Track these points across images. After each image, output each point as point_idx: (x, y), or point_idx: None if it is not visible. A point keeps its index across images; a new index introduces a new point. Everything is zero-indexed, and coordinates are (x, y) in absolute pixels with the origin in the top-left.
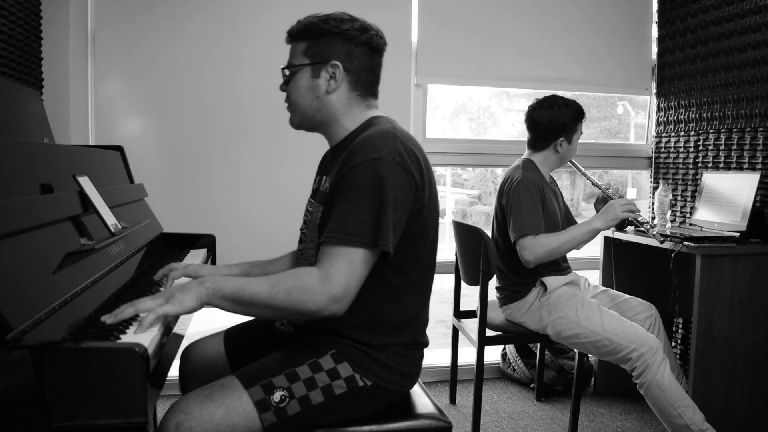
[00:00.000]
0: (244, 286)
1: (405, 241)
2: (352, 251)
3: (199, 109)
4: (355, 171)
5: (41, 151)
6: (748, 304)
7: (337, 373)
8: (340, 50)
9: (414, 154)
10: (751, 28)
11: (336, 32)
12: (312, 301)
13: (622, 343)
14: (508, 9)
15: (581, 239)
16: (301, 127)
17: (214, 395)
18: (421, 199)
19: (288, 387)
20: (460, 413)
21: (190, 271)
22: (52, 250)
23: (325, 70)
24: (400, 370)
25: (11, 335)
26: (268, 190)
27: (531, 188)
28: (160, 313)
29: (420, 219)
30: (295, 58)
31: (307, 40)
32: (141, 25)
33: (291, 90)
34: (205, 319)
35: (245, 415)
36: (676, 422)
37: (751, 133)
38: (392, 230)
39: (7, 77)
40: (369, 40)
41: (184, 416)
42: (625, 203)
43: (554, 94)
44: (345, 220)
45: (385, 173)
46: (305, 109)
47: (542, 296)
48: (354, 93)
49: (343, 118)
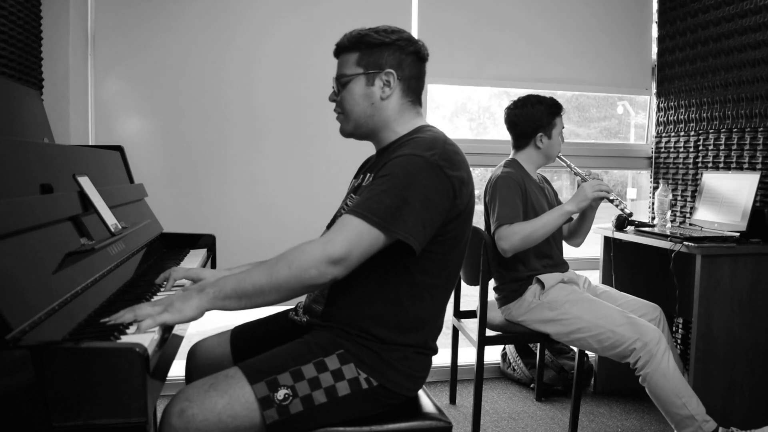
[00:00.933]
0: (244, 278)
1: (436, 242)
2: (364, 226)
3: (200, 109)
4: (396, 160)
5: (41, 151)
6: (748, 304)
7: (342, 374)
8: (392, 59)
9: (458, 163)
10: (751, 28)
11: (388, 42)
12: (314, 266)
13: (624, 334)
14: (508, 9)
15: (554, 223)
16: (354, 134)
17: (218, 385)
18: (458, 206)
19: (292, 386)
20: (460, 413)
21: (192, 275)
22: (52, 250)
23: (379, 78)
24: (408, 373)
25: (11, 335)
26: (268, 189)
27: (509, 182)
28: (158, 322)
29: (455, 224)
30: (347, 68)
31: (359, 50)
32: (141, 25)
33: (345, 99)
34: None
35: (247, 406)
36: (680, 413)
37: (751, 133)
38: (422, 226)
39: (7, 77)
40: (418, 50)
41: (187, 404)
42: (595, 184)
43: (529, 93)
44: (370, 199)
45: (423, 170)
46: (360, 115)
47: (540, 294)
48: (406, 99)
49: (395, 123)
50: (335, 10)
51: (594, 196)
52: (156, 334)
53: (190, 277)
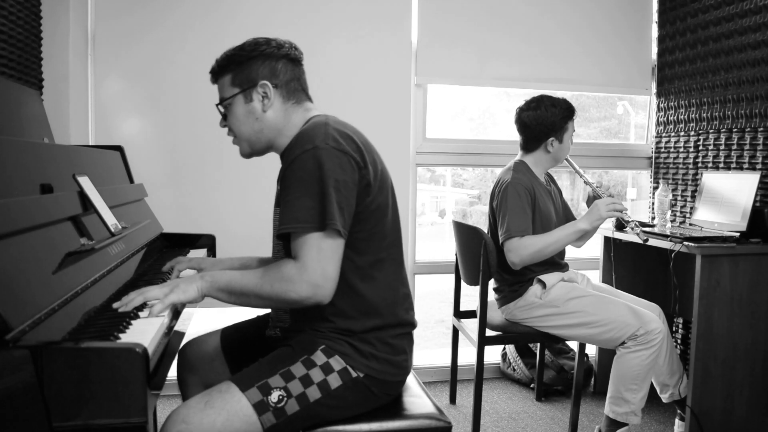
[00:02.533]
0: (237, 279)
1: (360, 220)
2: (312, 236)
3: (199, 108)
4: (294, 164)
5: (41, 151)
6: (748, 304)
7: (330, 366)
8: (264, 70)
9: (348, 136)
10: (751, 28)
11: (255, 55)
12: (293, 290)
13: (629, 323)
14: (508, 9)
15: (566, 240)
16: (253, 153)
17: (214, 402)
18: (366, 176)
19: (284, 386)
20: (460, 413)
21: (195, 264)
22: (52, 250)
23: (255, 92)
24: (389, 360)
25: (11, 335)
26: (268, 189)
27: (519, 190)
28: (167, 303)
29: (370, 195)
30: (225, 91)
31: (231, 71)
32: (141, 24)
33: (231, 122)
34: (204, 320)
35: (246, 420)
36: (625, 396)
37: (751, 133)
38: (338, 210)
39: (7, 77)
40: (287, 53)
41: (184, 426)
42: (609, 202)
43: (543, 94)
44: (292, 210)
45: (321, 159)
46: (250, 134)
47: (542, 294)
48: (289, 103)
49: (285, 128)
50: (335, 11)
51: (608, 216)
52: (157, 333)
53: (193, 267)
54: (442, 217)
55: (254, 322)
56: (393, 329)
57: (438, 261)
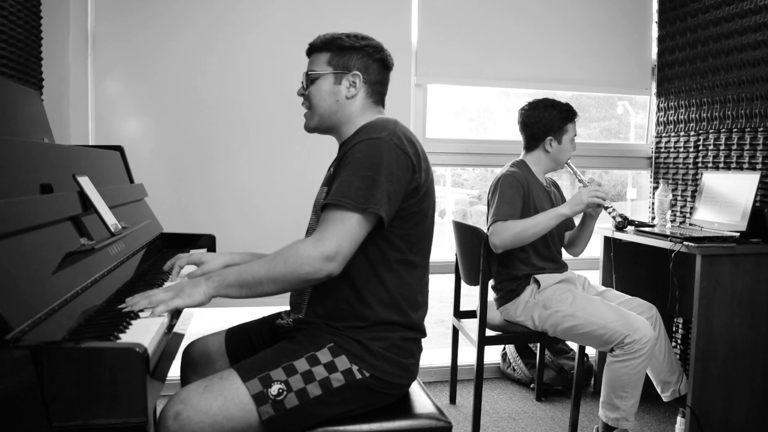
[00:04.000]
0: (246, 269)
1: (401, 218)
2: (345, 215)
3: (199, 108)
4: (356, 147)
5: (41, 151)
6: (748, 304)
7: (335, 366)
8: (360, 63)
9: (411, 141)
10: (751, 28)
11: (357, 47)
12: (308, 263)
13: (617, 330)
14: (508, 9)
15: (546, 224)
16: (318, 129)
17: (213, 387)
18: (417, 179)
19: (285, 380)
20: (460, 413)
21: (195, 259)
22: (52, 250)
23: (346, 78)
24: (397, 362)
25: (11, 335)
26: (268, 189)
27: (511, 181)
28: (171, 307)
29: (416, 198)
30: (317, 66)
31: (331, 51)
32: (141, 24)
33: (312, 94)
34: (205, 319)
35: (242, 407)
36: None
37: (751, 133)
38: (387, 198)
39: (7, 77)
40: (383, 58)
41: (182, 406)
42: (592, 189)
43: (546, 96)
44: (341, 187)
45: (382, 149)
46: (324, 111)
47: (536, 293)
48: (369, 100)
49: (356, 120)
50: (335, 11)
51: (589, 201)
52: (157, 334)
53: (193, 261)
54: (442, 217)
55: (259, 323)
56: (405, 331)
57: (438, 261)
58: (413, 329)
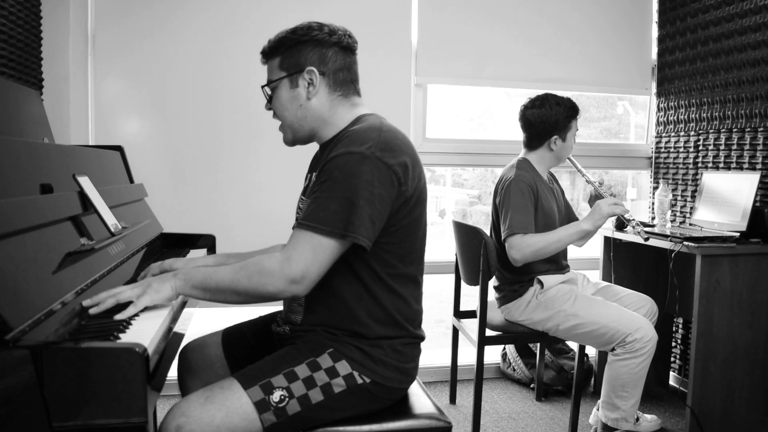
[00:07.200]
0: (212, 274)
1: (390, 233)
2: (317, 238)
3: (200, 109)
4: (333, 162)
5: (41, 151)
6: (748, 304)
7: (336, 371)
8: (313, 56)
9: (398, 148)
10: (751, 28)
11: (306, 40)
12: (271, 283)
13: (620, 329)
14: (508, 9)
15: (568, 240)
16: (296, 141)
17: (214, 397)
18: (404, 192)
19: (287, 387)
20: (460, 413)
21: (166, 266)
22: (52, 250)
23: (301, 77)
24: (398, 367)
25: (11, 335)
26: (268, 189)
27: (522, 187)
28: (139, 306)
29: (405, 210)
30: (272, 74)
31: (281, 54)
32: (141, 24)
33: (275, 106)
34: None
35: (245, 417)
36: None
37: (751, 133)
38: (370, 222)
39: (7, 77)
40: (339, 40)
41: (184, 419)
42: (611, 202)
43: (547, 92)
44: (316, 208)
45: (361, 167)
46: (292, 120)
47: (539, 293)
48: (335, 94)
49: (330, 119)
50: (335, 11)
51: (609, 214)
52: (156, 334)
53: (164, 268)
54: (442, 217)
55: (256, 323)
56: (403, 339)
57: (438, 261)
58: (411, 337)
